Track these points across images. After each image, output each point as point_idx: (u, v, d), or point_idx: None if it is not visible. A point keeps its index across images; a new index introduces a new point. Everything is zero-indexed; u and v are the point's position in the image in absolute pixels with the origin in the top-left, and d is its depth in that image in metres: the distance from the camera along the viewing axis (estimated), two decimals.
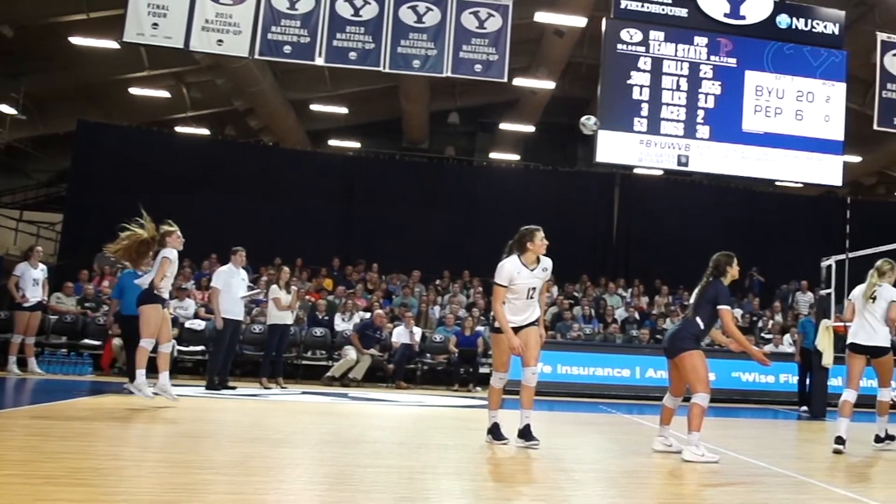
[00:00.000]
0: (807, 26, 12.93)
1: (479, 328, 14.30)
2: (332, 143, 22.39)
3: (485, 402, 7.08)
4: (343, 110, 20.42)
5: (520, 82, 16.95)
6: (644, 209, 20.29)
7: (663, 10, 12.57)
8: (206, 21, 11.93)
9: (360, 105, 20.79)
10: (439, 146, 23.56)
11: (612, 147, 12.36)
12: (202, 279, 14.99)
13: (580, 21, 14.62)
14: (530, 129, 20.70)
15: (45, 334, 13.04)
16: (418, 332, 14.20)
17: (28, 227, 21.79)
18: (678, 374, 6.67)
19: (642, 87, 12.50)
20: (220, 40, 11.96)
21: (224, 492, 4.42)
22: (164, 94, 19.27)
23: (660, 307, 16.86)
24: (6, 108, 19.03)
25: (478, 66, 12.47)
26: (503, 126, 21.20)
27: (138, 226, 8.38)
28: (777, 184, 17.91)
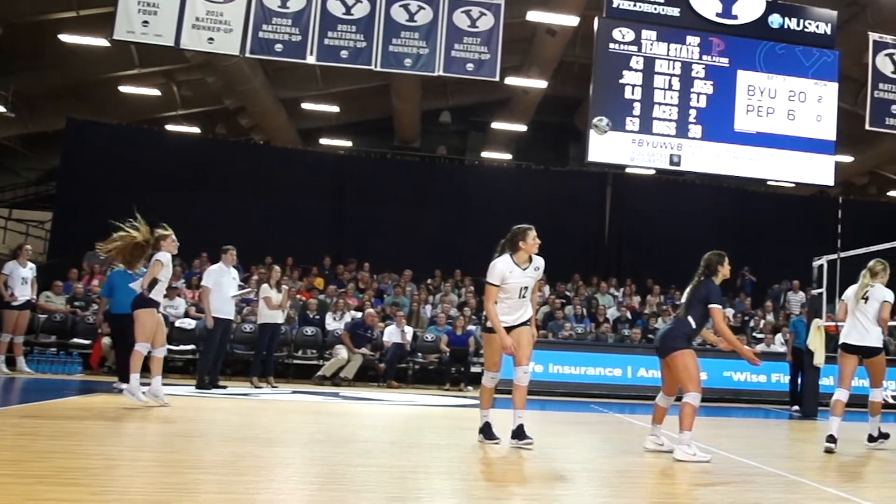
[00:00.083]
0: (799, 26, 12.94)
1: (470, 327, 14.29)
2: (323, 141, 22.33)
3: (476, 402, 7.07)
4: (334, 109, 20.36)
5: (512, 81, 16.95)
6: (636, 209, 20.34)
7: (655, 9, 12.55)
8: (196, 19, 11.86)
9: (352, 104, 20.74)
10: (431, 145, 23.49)
11: (604, 146, 12.34)
12: (192, 278, 14.96)
13: (572, 20, 14.62)
14: (522, 128, 20.66)
15: (35, 333, 13.00)
16: (410, 331, 14.19)
17: (17, 225, 21.67)
18: (670, 373, 6.67)
19: (634, 87, 12.48)
20: (210, 38, 11.90)
21: (215, 491, 4.40)
22: (155, 92, 19.16)
23: (651, 306, 16.89)
24: None
25: (470, 65, 12.44)
26: (495, 125, 21.16)
27: (131, 227, 8.35)
28: (769, 183, 17.97)
